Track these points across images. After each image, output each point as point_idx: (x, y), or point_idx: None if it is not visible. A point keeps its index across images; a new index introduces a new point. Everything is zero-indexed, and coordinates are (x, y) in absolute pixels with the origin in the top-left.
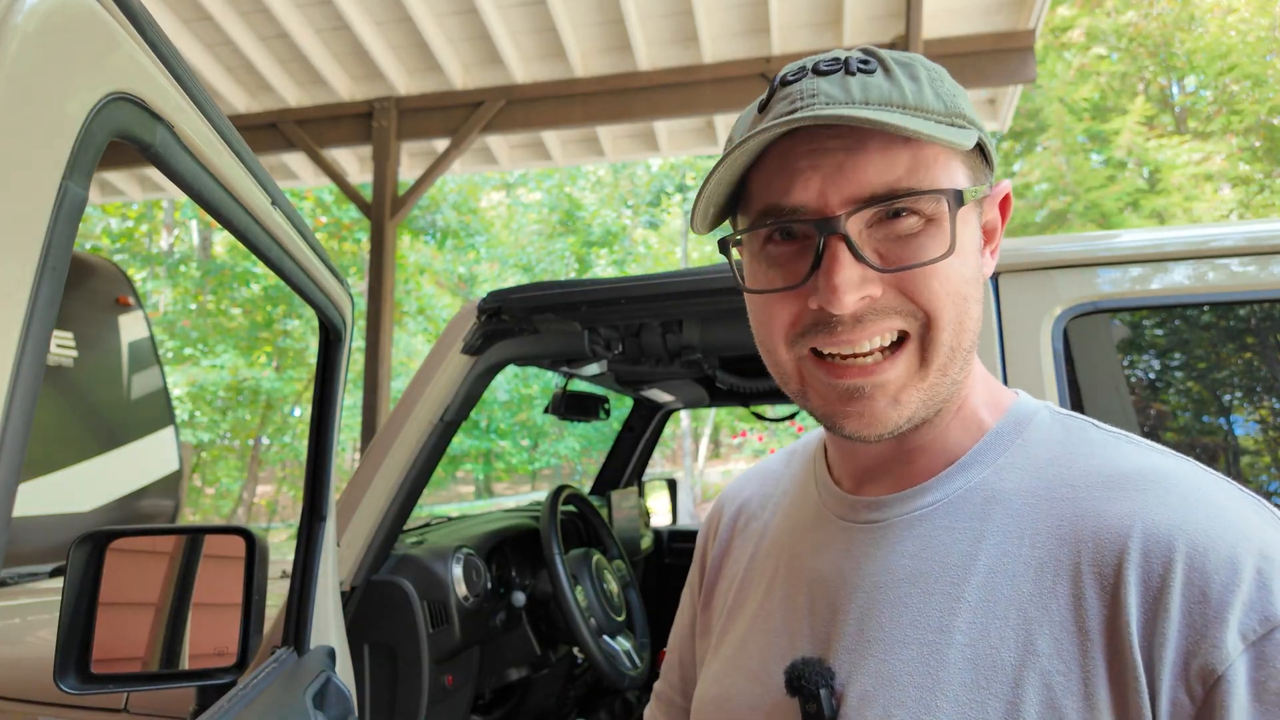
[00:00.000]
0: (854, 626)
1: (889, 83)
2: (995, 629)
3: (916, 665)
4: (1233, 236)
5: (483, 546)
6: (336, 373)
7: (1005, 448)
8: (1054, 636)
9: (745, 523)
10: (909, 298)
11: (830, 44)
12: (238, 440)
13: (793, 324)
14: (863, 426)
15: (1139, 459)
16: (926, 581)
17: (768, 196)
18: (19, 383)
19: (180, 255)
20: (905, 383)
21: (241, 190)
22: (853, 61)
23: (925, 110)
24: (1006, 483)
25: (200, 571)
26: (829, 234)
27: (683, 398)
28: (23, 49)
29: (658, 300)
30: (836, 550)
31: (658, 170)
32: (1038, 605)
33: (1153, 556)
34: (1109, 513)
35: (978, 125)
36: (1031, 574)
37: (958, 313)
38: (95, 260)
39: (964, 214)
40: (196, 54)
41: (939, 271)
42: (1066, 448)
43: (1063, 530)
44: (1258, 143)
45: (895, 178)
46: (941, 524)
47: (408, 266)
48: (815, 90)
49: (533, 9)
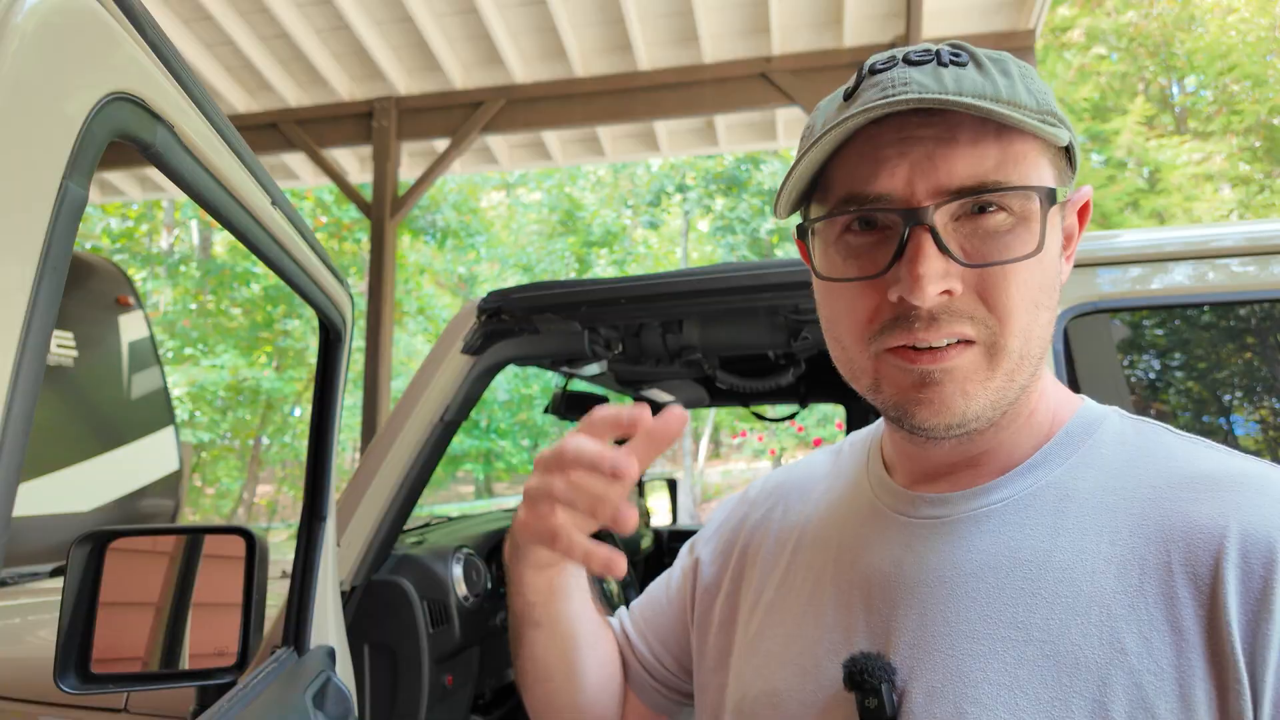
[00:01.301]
0: (915, 621)
1: (982, 76)
2: (1076, 625)
3: (991, 661)
4: (1233, 236)
5: (483, 546)
6: (336, 373)
7: (1076, 448)
8: (1143, 635)
9: (782, 514)
10: (984, 301)
11: (830, 44)
12: (238, 440)
13: (870, 320)
14: (933, 414)
15: (1222, 461)
16: (998, 576)
17: (851, 183)
18: (19, 383)
19: (180, 255)
20: (971, 374)
21: (241, 190)
22: (944, 53)
23: (1019, 105)
24: (1081, 482)
25: (200, 571)
26: (915, 224)
27: (683, 398)
28: (23, 49)
29: (658, 300)
30: (896, 545)
31: (658, 170)
32: (1123, 603)
33: (1252, 556)
34: (1199, 512)
35: (1068, 125)
36: (1114, 571)
37: (1029, 320)
38: (95, 260)
39: (1051, 215)
40: (196, 54)
41: (1019, 274)
42: (1142, 450)
43: (1146, 529)
44: (1258, 143)
45: (985, 170)
46: (1012, 520)
47: (408, 266)
48: (908, 79)
49: (533, 9)
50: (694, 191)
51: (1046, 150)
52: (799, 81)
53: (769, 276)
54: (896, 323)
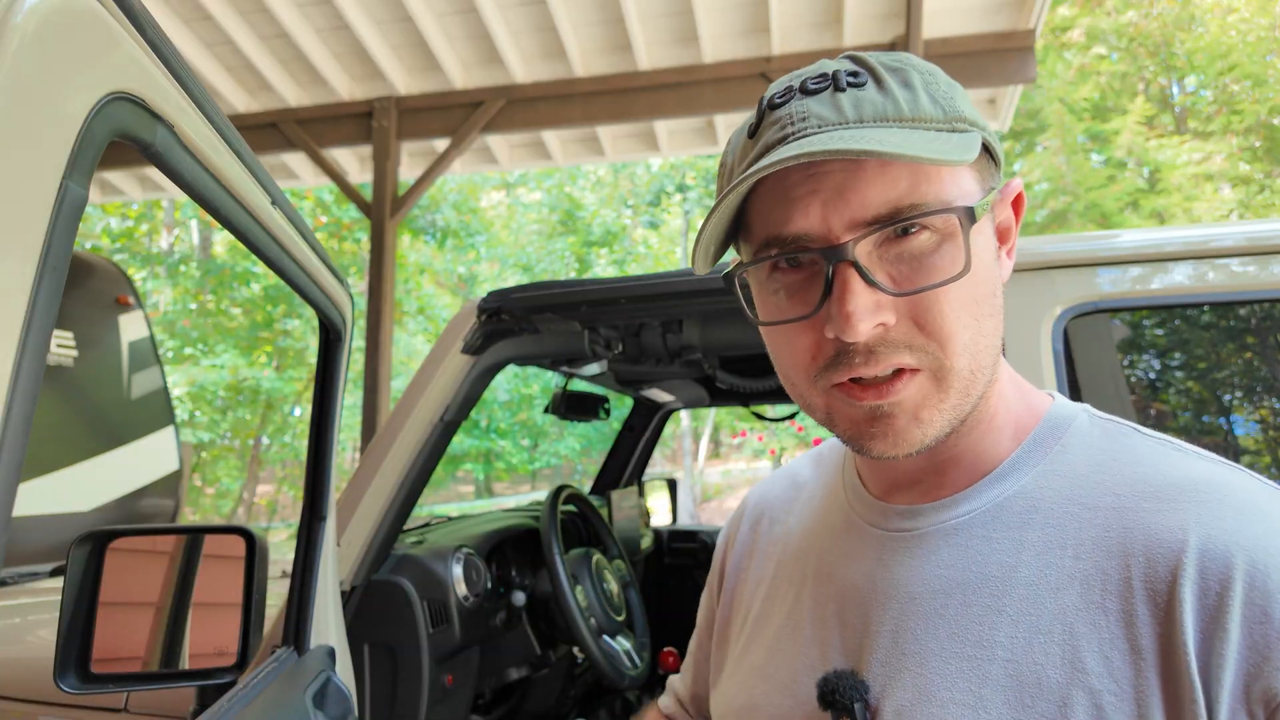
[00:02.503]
0: (888, 639)
1: (881, 95)
2: (1039, 644)
3: (957, 680)
4: (1233, 236)
5: (483, 546)
6: (336, 372)
7: (1044, 455)
8: (1104, 654)
9: (768, 526)
10: (921, 328)
11: (830, 44)
12: (238, 440)
13: (813, 358)
14: (888, 447)
15: (1188, 468)
16: (965, 593)
17: (768, 227)
18: (19, 383)
19: (180, 255)
20: (922, 401)
21: (241, 190)
22: (841, 75)
23: (923, 120)
24: (1046, 491)
25: (200, 571)
26: (837, 261)
27: (683, 398)
28: (23, 49)
29: (658, 300)
30: (869, 559)
31: (658, 170)
32: (1085, 620)
33: (1209, 573)
34: (1159, 525)
35: (980, 125)
36: (1077, 587)
37: (971, 336)
38: (95, 260)
39: (977, 226)
40: (196, 54)
41: (951, 295)
42: (1109, 454)
43: (1109, 542)
44: (1258, 143)
45: (898, 195)
46: (979, 534)
47: (408, 266)
48: (805, 113)
49: (533, 9)
50: (694, 191)
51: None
52: None
53: None
54: (837, 359)
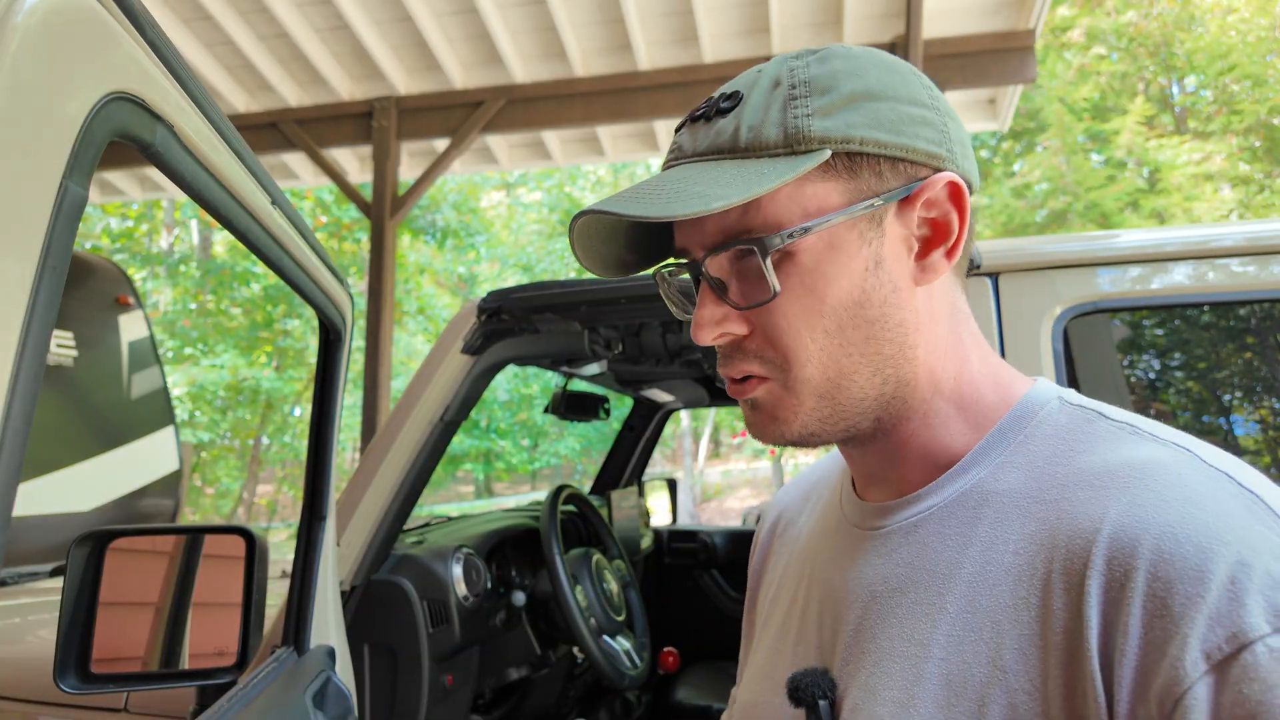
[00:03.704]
0: (851, 637)
1: (733, 122)
2: (969, 642)
3: (897, 679)
4: (1233, 236)
5: (483, 546)
6: (336, 372)
7: (1006, 445)
8: (1022, 651)
9: (784, 529)
10: (768, 342)
11: (831, 43)
12: (238, 440)
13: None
14: (758, 435)
15: (1130, 451)
16: (915, 591)
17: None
18: (19, 383)
19: (180, 255)
20: (777, 404)
21: (241, 190)
22: (720, 100)
23: (756, 148)
24: (1001, 483)
25: (200, 571)
26: (696, 274)
27: (683, 398)
28: (23, 49)
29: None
30: (847, 558)
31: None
32: (1010, 618)
33: (1115, 562)
34: (1082, 513)
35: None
36: (1009, 583)
37: (822, 346)
38: (95, 260)
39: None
40: (196, 54)
41: (782, 310)
42: (1067, 443)
43: (1041, 535)
44: (1258, 143)
45: (730, 221)
46: (934, 530)
47: (408, 266)
48: (678, 143)
49: (533, 9)
50: None
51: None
52: None
53: None
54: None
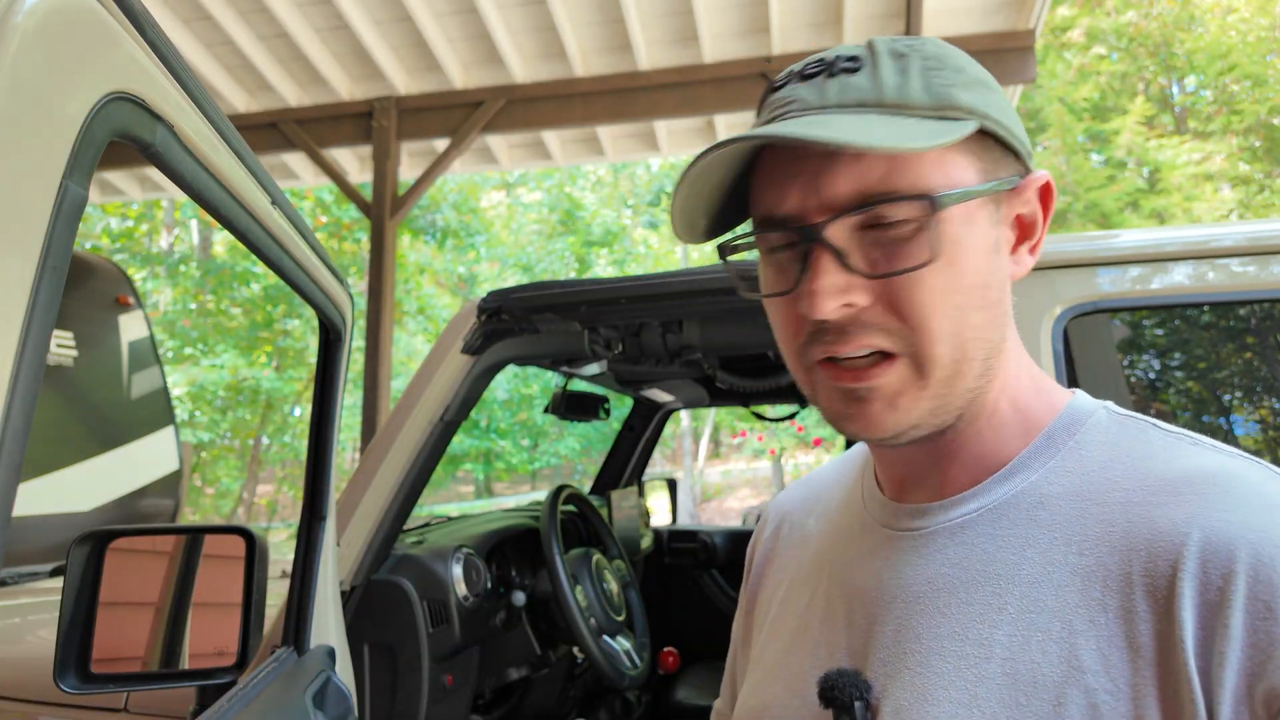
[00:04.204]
0: (890, 638)
1: (870, 80)
2: (1036, 642)
3: (954, 679)
4: (1233, 236)
5: (483, 546)
6: (336, 372)
7: (1056, 450)
8: (1101, 652)
9: (789, 531)
10: (894, 312)
11: (830, 44)
12: (238, 440)
13: (795, 333)
14: (861, 429)
15: (1198, 460)
16: (967, 591)
17: (761, 207)
18: (19, 383)
19: (180, 255)
20: (901, 389)
21: (241, 190)
22: (839, 61)
23: (906, 105)
24: (1056, 487)
25: (200, 571)
26: (810, 241)
27: (683, 398)
28: (23, 49)
29: (658, 300)
30: (879, 559)
31: (658, 170)
32: (1084, 618)
33: (1210, 567)
34: (1163, 518)
35: (980, 113)
36: (1078, 584)
37: (954, 325)
38: (95, 260)
39: (964, 214)
40: (196, 54)
41: (925, 281)
42: (1122, 449)
43: (1113, 537)
44: (1258, 143)
45: (870, 183)
46: (985, 531)
47: (408, 266)
48: (794, 97)
49: (533, 9)
50: None
51: (959, 147)
52: None
53: None
54: (813, 336)
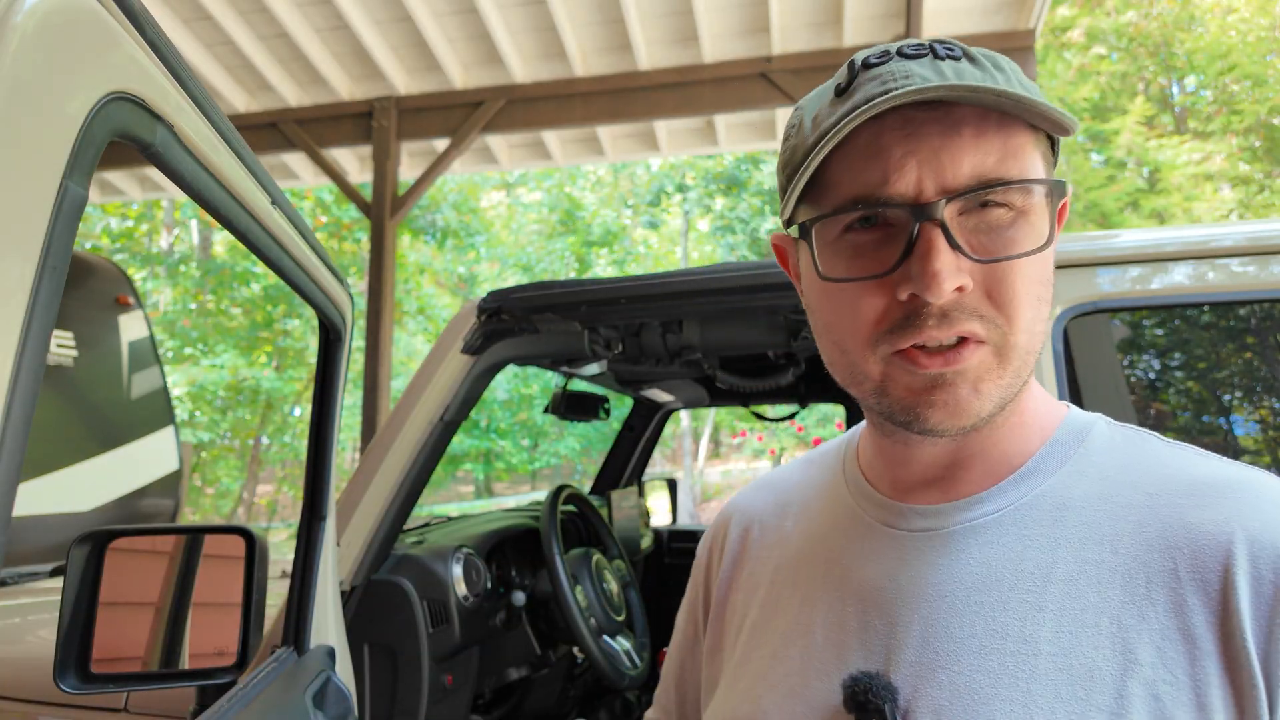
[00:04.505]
0: (917, 639)
1: (979, 70)
2: (1088, 637)
3: (1000, 677)
4: (1233, 236)
5: (483, 546)
6: (336, 372)
7: (1067, 456)
8: (1156, 645)
9: (759, 533)
10: (991, 299)
11: (830, 44)
12: (238, 440)
13: (878, 321)
14: (946, 416)
15: (1215, 468)
16: (1000, 589)
17: (857, 184)
18: (19, 383)
19: (180, 255)
20: (984, 373)
21: (241, 190)
22: (939, 48)
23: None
24: (1076, 490)
25: (200, 571)
26: (925, 220)
27: (683, 398)
28: (23, 49)
29: (658, 300)
30: (890, 560)
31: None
32: (1132, 613)
33: (1261, 562)
34: (1201, 519)
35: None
36: (1120, 581)
37: (1033, 315)
38: (95, 260)
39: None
40: (196, 54)
41: (1025, 269)
42: (1132, 457)
43: (1148, 537)
44: (1258, 143)
45: (989, 165)
46: (1011, 531)
47: (408, 266)
48: (909, 72)
49: (533, 9)
50: (694, 191)
51: (1040, 144)
52: (799, 81)
53: (769, 276)
54: (907, 321)
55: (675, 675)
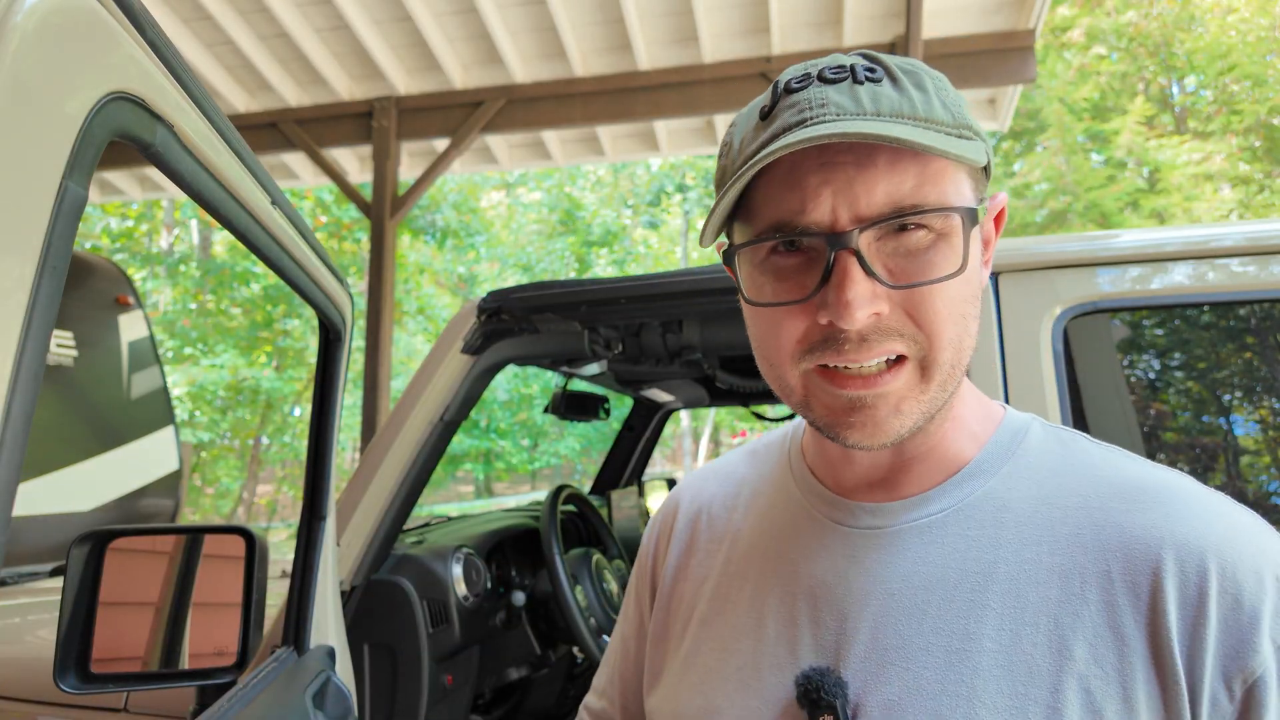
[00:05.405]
0: (867, 635)
1: (898, 92)
2: (1027, 635)
3: (946, 673)
4: (1233, 236)
5: (483, 546)
6: (336, 372)
7: (1006, 457)
8: (1089, 642)
9: (708, 523)
10: (913, 319)
11: (830, 44)
12: (238, 440)
13: (800, 340)
14: (865, 436)
15: (1143, 471)
16: (945, 588)
17: (777, 212)
18: (19, 383)
19: (180, 255)
20: (906, 394)
21: (241, 190)
22: (859, 69)
23: (934, 122)
24: (1015, 492)
25: (200, 571)
26: (839, 248)
27: (683, 398)
28: (23, 49)
29: (658, 300)
30: (839, 556)
31: (658, 170)
32: (1069, 612)
33: (1187, 567)
34: (1132, 524)
35: (982, 136)
36: (1057, 581)
37: (958, 332)
38: (95, 260)
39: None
40: (196, 54)
41: (945, 291)
42: (1066, 459)
43: (1083, 539)
44: (1258, 143)
45: (904, 193)
46: (955, 531)
47: (408, 266)
48: (824, 99)
49: (533, 8)
50: (694, 191)
51: (963, 164)
52: None
53: None
54: (825, 344)
55: (618, 663)
